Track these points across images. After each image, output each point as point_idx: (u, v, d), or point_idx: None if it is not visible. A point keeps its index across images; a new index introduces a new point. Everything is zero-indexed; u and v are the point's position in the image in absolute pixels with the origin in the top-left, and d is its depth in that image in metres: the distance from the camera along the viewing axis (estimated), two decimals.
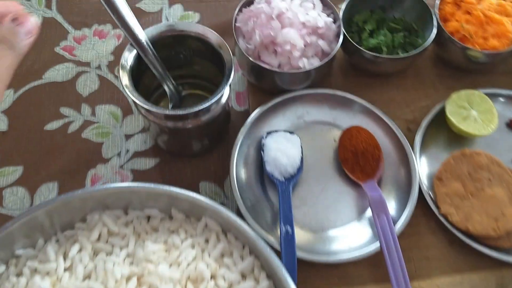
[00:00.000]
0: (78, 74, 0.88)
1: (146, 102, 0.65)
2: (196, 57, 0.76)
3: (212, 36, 0.71)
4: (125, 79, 0.67)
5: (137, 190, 0.64)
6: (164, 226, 0.65)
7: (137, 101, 0.65)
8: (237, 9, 0.80)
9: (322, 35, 0.78)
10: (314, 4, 0.80)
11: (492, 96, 0.81)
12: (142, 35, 0.67)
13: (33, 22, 0.45)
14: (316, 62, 0.77)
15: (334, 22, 0.80)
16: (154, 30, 0.71)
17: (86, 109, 0.84)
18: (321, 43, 0.78)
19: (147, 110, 0.67)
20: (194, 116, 0.68)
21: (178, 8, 0.96)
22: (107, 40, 0.92)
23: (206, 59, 0.74)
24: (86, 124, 0.83)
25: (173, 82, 0.73)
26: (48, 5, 0.96)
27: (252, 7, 0.80)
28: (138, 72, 0.71)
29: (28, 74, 0.87)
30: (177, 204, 0.65)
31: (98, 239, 0.63)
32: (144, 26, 0.91)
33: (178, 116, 0.67)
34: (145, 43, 0.67)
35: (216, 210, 0.62)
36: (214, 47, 0.71)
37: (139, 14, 0.95)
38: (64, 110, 0.84)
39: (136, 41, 0.66)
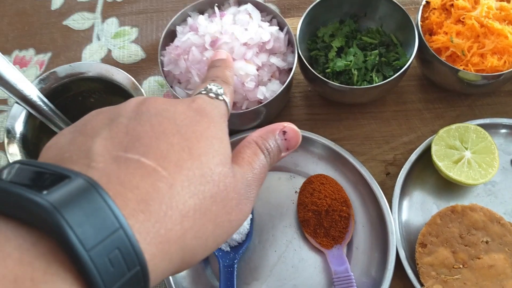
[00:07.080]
0: None
1: None
2: (110, 96, 0.61)
3: (121, 77, 0.56)
4: (13, 149, 0.53)
5: None
6: None
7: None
8: (159, 47, 0.63)
9: (272, 50, 0.62)
10: (249, 14, 0.63)
11: (491, 128, 0.64)
12: (31, 89, 0.52)
13: (298, 139, 0.42)
14: (276, 86, 0.61)
15: (281, 29, 0.64)
16: (45, 80, 0.56)
17: (2, 161, 0.71)
18: (274, 60, 0.61)
19: None
20: None
21: (112, 23, 0.80)
22: (28, 70, 0.76)
23: (125, 95, 0.58)
24: None
25: None
26: None
27: (176, 41, 0.63)
28: (38, 132, 0.57)
29: None
30: None
31: None
32: (73, 46, 0.78)
33: None
34: (36, 98, 0.53)
35: None
36: (125, 90, 0.56)
37: (67, 33, 0.79)
38: None
39: (23, 99, 0.52)
